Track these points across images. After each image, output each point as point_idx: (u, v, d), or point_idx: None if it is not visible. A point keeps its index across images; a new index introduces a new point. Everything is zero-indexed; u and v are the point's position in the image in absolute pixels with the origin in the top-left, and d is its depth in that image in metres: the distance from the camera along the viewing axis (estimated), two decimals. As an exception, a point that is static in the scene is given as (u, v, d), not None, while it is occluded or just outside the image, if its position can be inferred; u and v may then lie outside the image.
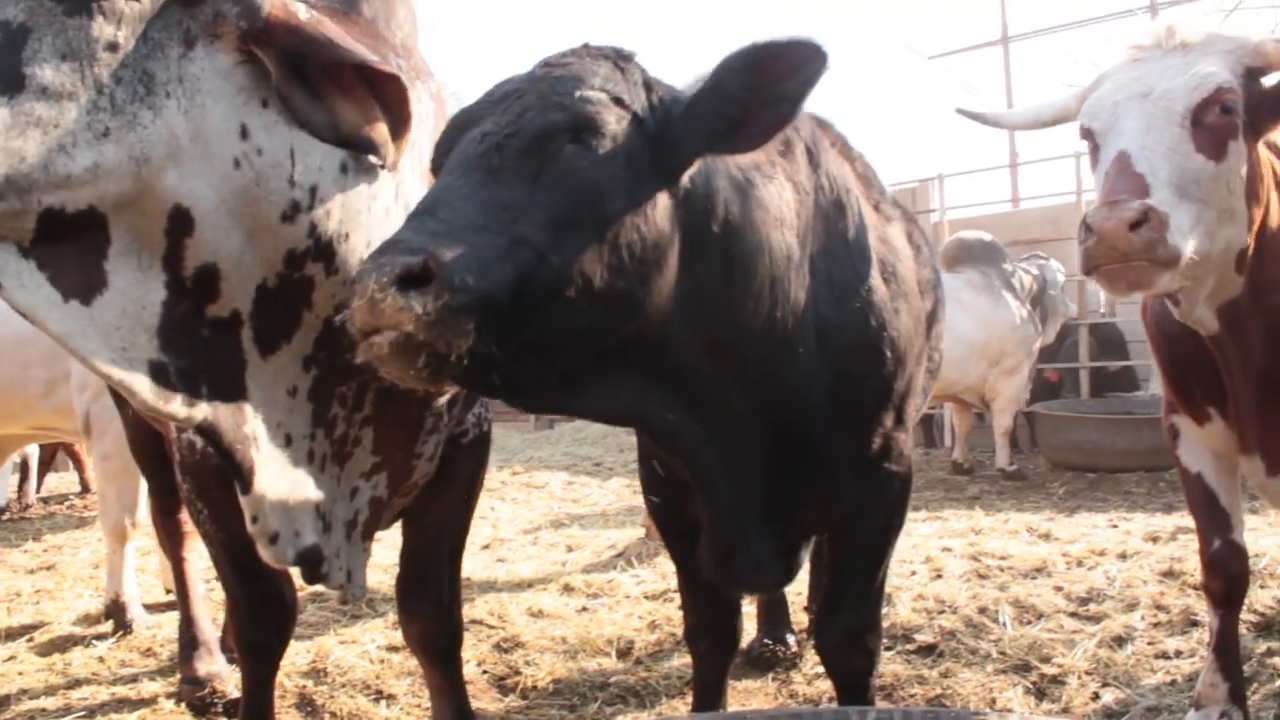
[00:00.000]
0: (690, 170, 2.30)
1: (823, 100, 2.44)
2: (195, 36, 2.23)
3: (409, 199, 2.72)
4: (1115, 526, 7.23)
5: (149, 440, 4.59)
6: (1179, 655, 4.47)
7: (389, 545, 4.87)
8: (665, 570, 6.26)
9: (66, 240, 2.11)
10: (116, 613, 5.78)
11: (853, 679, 3.11)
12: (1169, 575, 5.64)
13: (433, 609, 3.43)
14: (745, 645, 4.66)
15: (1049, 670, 4.32)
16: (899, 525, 3.15)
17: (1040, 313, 10.51)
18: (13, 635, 5.70)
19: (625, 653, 4.86)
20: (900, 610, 5.22)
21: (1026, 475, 9.86)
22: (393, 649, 4.97)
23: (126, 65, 2.11)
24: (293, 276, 2.49)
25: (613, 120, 2.17)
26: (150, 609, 5.98)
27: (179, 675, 4.69)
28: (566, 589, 6.09)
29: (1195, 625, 4.79)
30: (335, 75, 2.36)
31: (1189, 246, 2.67)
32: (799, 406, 2.67)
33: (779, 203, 2.53)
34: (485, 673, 4.66)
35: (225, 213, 2.31)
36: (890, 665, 4.49)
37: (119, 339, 2.29)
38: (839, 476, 2.83)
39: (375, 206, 2.60)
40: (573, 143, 2.12)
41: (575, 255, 2.08)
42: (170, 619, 5.74)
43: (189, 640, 4.71)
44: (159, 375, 2.37)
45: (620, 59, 2.31)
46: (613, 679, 4.51)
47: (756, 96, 2.19)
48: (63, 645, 5.52)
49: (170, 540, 5.04)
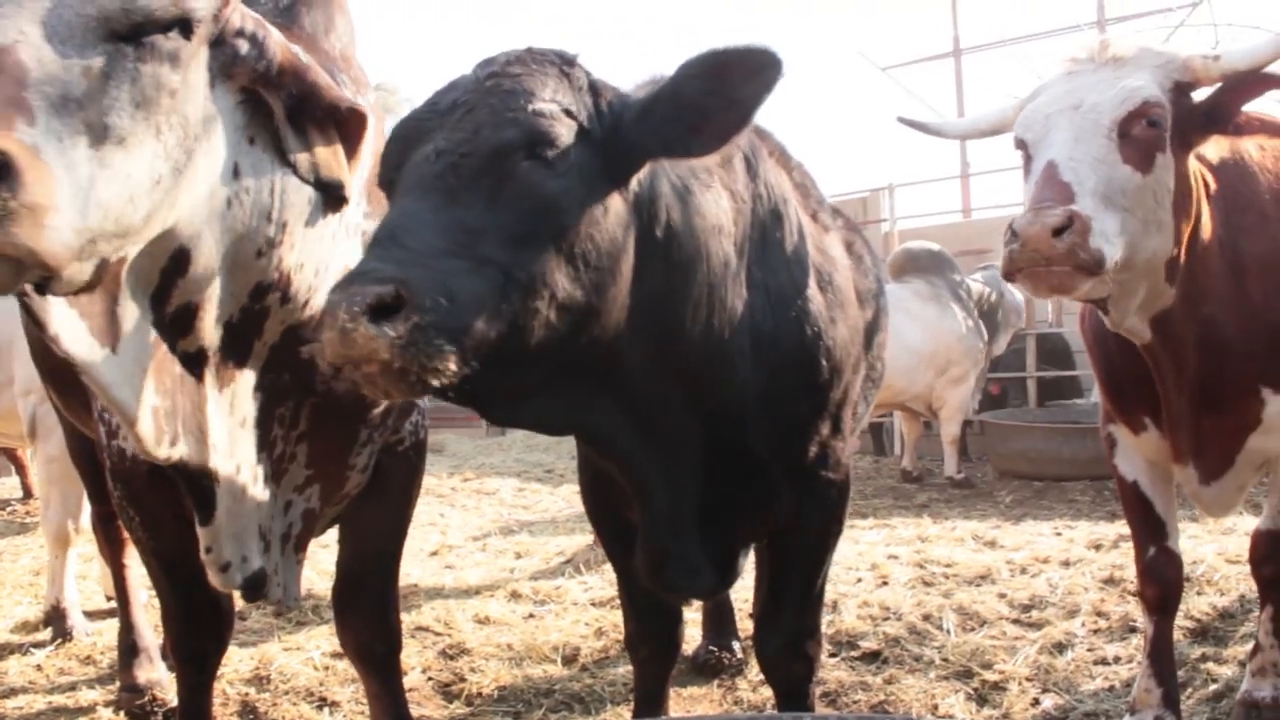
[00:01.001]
0: (638, 174, 2.33)
1: (775, 109, 2.46)
2: (214, 77, 2.25)
3: (349, 218, 2.74)
4: (1059, 534, 7.31)
5: (86, 447, 4.54)
6: (1118, 661, 4.53)
7: (335, 550, 4.83)
8: (614, 577, 6.24)
9: (95, 287, 2.10)
10: (56, 619, 5.68)
11: (792, 685, 3.13)
12: (1110, 582, 5.71)
13: (369, 617, 3.41)
14: (691, 652, 4.68)
15: (990, 676, 4.37)
16: (837, 532, 3.17)
17: (990, 323, 10.60)
18: (-52, 643, 5.61)
19: (571, 659, 4.86)
20: (845, 617, 5.26)
21: (974, 483, 9.95)
22: (337, 655, 4.92)
23: (175, 110, 2.11)
24: (254, 309, 2.52)
25: (565, 133, 2.18)
26: (91, 616, 5.90)
27: (119, 683, 4.63)
28: (514, 596, 6.08)
29: (1134, 631, 4.86)
30: (311, 112, 2.39)
31: (1112, 253, 2.72)
32: (735, 415, 2.69)
33: (716, 210, 2.55)
34: (430, 679, 4.63)
35: (215, 252, 2.33)
36: (834, 672, 4.51)
37: (133, 385, 2.34)
38: (776, 484, 2.85)
39: (326, 234, 2.63)
40: (527, 159, 2.14)
41: (538, 270, 2.10)
42: (111, 626, 5.67)
43: (128, 647, 4.66)
44: (155, 418, 2.41)
45: (565, 64, 2.32)
46: (558, 686, 4.50)
47: (714, 100, 2.23)
48: (0, 653, 5.44)
49: (110, 546, 4.99)
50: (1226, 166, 3.22)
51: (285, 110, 2.36)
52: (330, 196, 2.48)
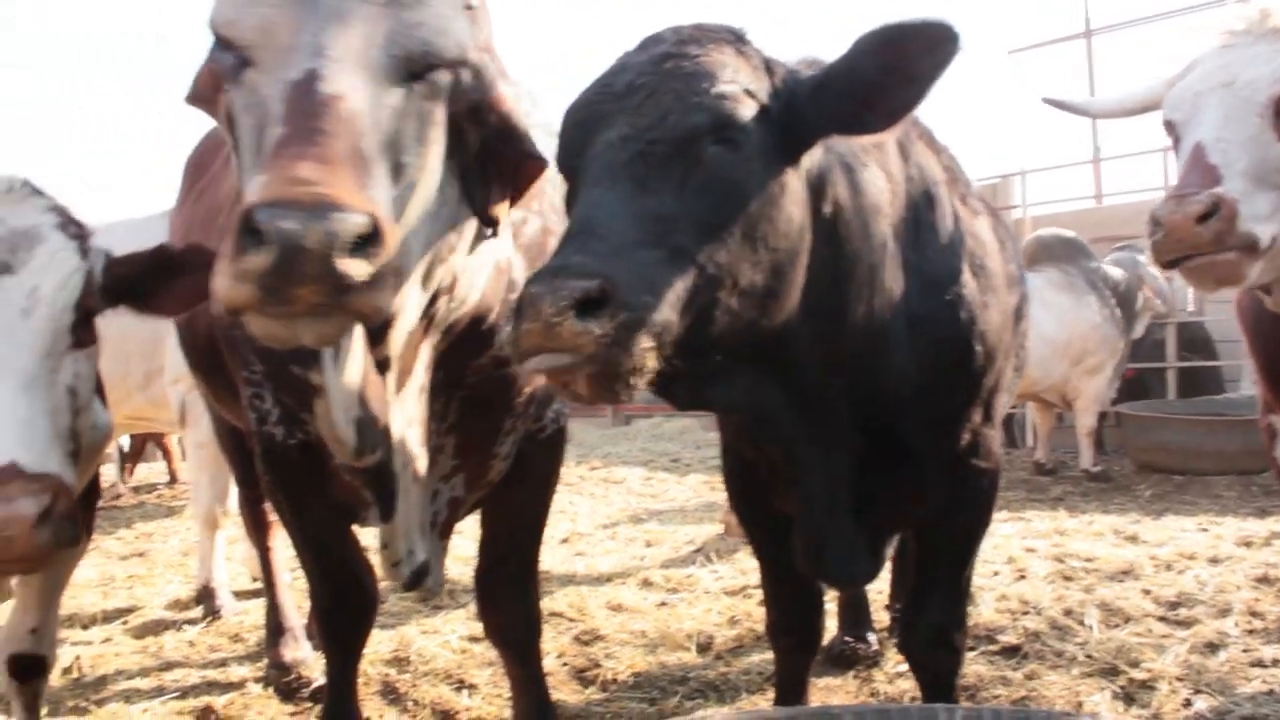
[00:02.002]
0: (809, 152, 2.31)
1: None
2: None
3: None
4: (1205, 530, 7.06)
5: (234, 433, 4.68)
6: (1276, 664, 4.35)
7: (470, 537, 4.92)
8: (745, 566, 6.24)
9: None
10: (206, 598, 5.92)
11: (937, 677, 3.08)
12: (1264, 581, 5.49)
13: (511, 602, 3.46)
14: (826, 643, 4.63)
15: (1138, 675, 4.23)
16: (986, 522, 3.11)
17: (1127, 310, 10.25)
18: (109, 618, 5.87)
19: (705, 647, 4.86)
20: (983, 610, 5.15)
21: (1111, 476, 9.66)
22: (473, 639, 5.01)
23: (439, 141, 2.19)
24: (428, 313, 2.55)
25: (748, 114, 2.18)
26: (238, 596, 6.11)
27: (266, 660, 4.79)
28: (645, 583, 6.10)
29: (1292, 633, 4.67)
30: (498, 149, 2.38)
31: (1265, 234, 2.61)
32: (890, 401, 2.65)
33: (875, 190, 2.53)
34: (565, 665, 4.67)
35: (419, 265, 2.34)
36: (973, 666, 4.42)
37: (351, 400, 2.47)
38: (927, 472, 2.81)
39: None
40: (715, 143, 2.14)
41: (727, 257, 2.11)
42: (256, 606, 5.87)
43: (275, 627, 4.81)
44: (358, 429, 2.54)
45: (739, 41, 2.31)
46: (693, 673, 4.50)
47: (889, 77, 2.20)
48: (155, 629, 5.67)
49: (256, 530, 5.15)
50: None
51: (479, 143, 2.34)
52: (487, 228, 2.48)
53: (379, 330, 2.28)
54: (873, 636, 4.71)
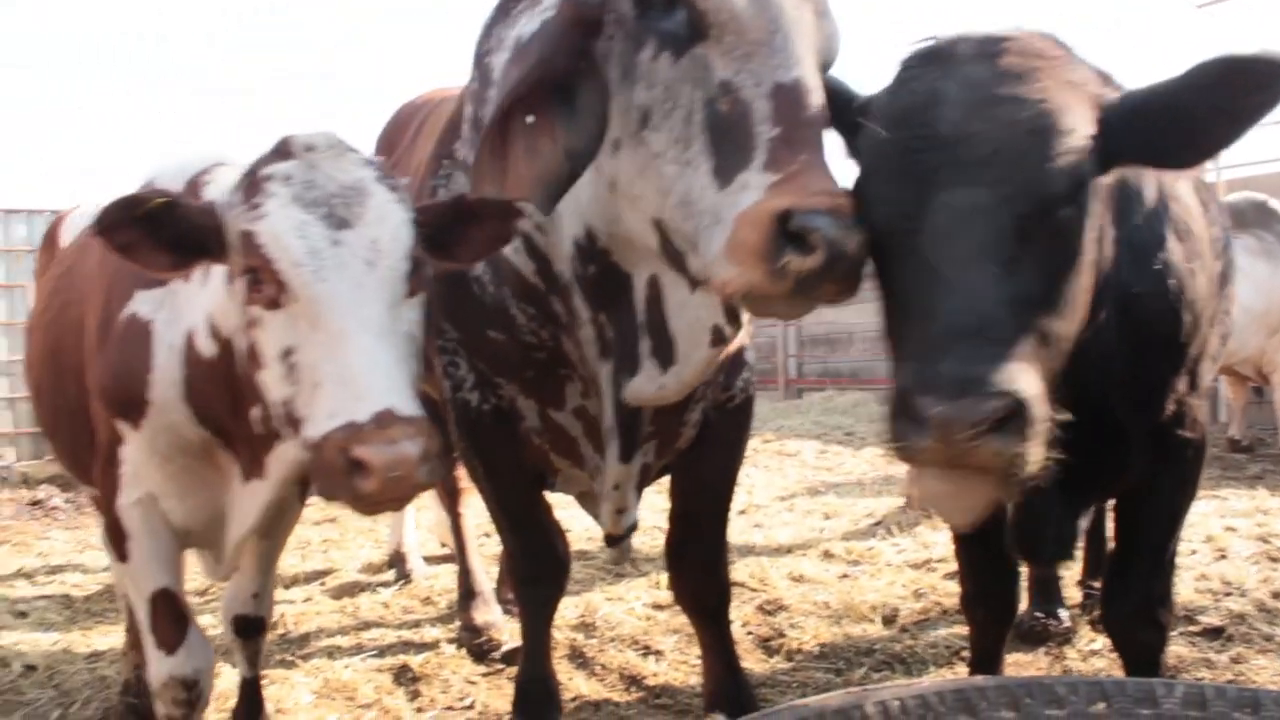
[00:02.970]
0: None
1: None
2: None
3: None
4: None
5: (425, 402, 4.83)
6: None
7: (650, 509, 4.97)
8: (928, 540, 6.16)
9: None
10: (398, 563, 6.17)
11: (1141, 655, 2.98)
12: None
13: (702, 568, 3.49)
14: (1015, 619, 4.54)
15: (1356, 661, 4.02)
16: (1192, 494, 3.00)
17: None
18: (308, 579, 6.18)
19: (890, 620, 4.82)
20: (1182, 590, 4.96)
21: (1315, 453, 9.18)
22: (658, 607, 5.09)
23: None
24: None
25: (1090, 166, 2.06)
26: (427, 560, 6.34)
27: (458, 623, 4.96)
28: (826, 555, 6.10)
29: None
30: None
31: None
32: (1098, 371, 2.57)
33: None
34: (750, 634, 4.70)
35: None
36: (1173, 646, 4.26)
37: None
38: (1132, 444, 2.72)
39: None
40: (1067, 207, 2.02)
41: (1070, 323, 2.09)
42: (445, 570, 6.08)
43: (467, 590, 4.97)
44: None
45: (1063, 60, 2.12)
46: (878, 645, 4.48)
47: (1214, 114, 2.06)
48: (351, 590, 5.93)
49: (449, 496, 5.31)
50: None
51: None
52: None
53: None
54: (1064, 613, 4.60)
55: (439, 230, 2.49)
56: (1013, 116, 1.97)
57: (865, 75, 2.31)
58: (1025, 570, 4.66)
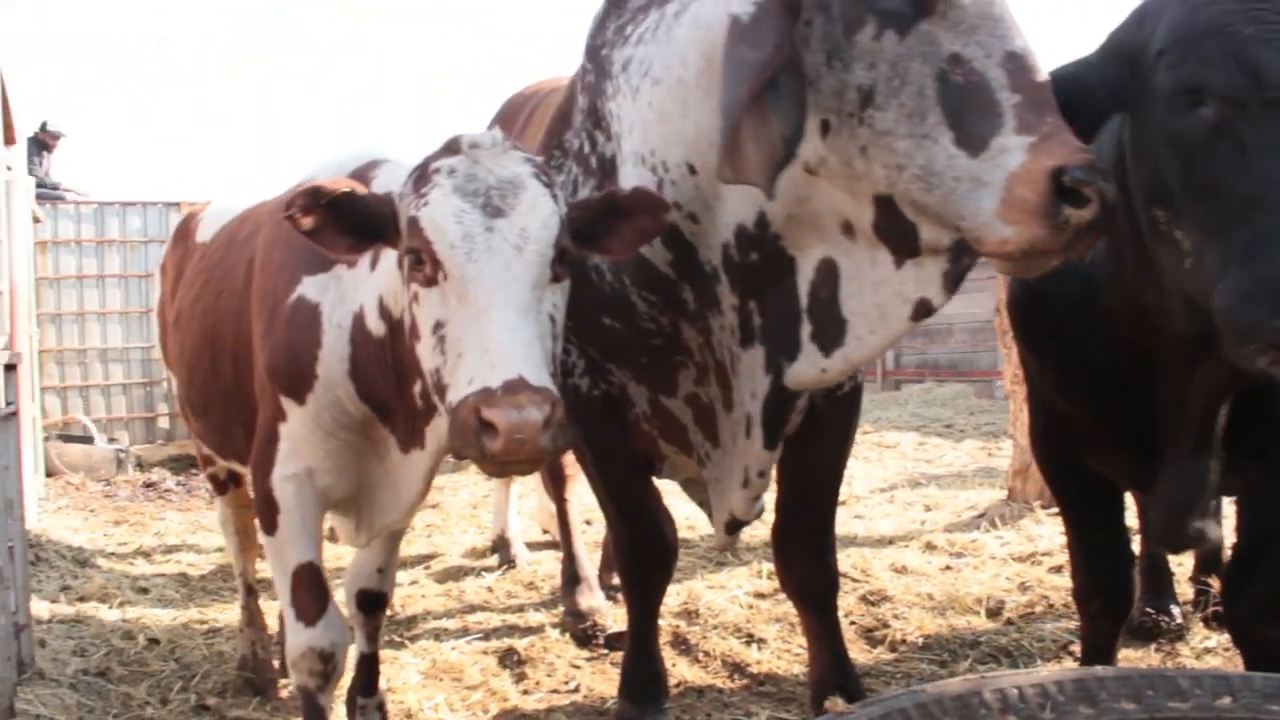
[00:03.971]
0: None
1: None
2: None
3: None
4: None
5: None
6: None
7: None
8: (1032, 533, 6.07)
9: None
10: (501, 548, 6.27)
11: (1266, 650, 2.88)
12: None
13: (810, 557, 3.48)
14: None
15: None
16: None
17: None
18: (414, 563, 6.31)
19: (995, 613, 4.77)
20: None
21: None
22: (760, 596, 5.10)
23: None
24: None
25: None
26: (529, 546, 6.43)
27: (562, 608, 5.02)
28: (928, 547, 6.04)
29: None
30: None
31: None
32: None
33: None
34: (853, 624, 4.69)
35: None
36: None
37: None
38: (1263, 432, 2.67)
39: None
40: None
41: None
42: (547, 556, 6.16)
43: (571, 576, 5.03)
44: None
45: None
46: (983, 638, 4.43)
47: None
48: (455, 575, 6.05)
49: (554, 483, 5.37)
50: None
51: None
52: None
53: None
54: (1176, 609, 4.50)
55: (589, 223, 2.64)
56: None
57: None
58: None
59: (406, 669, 4.39)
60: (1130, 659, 4.23)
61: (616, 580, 4.36)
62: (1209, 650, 4.22)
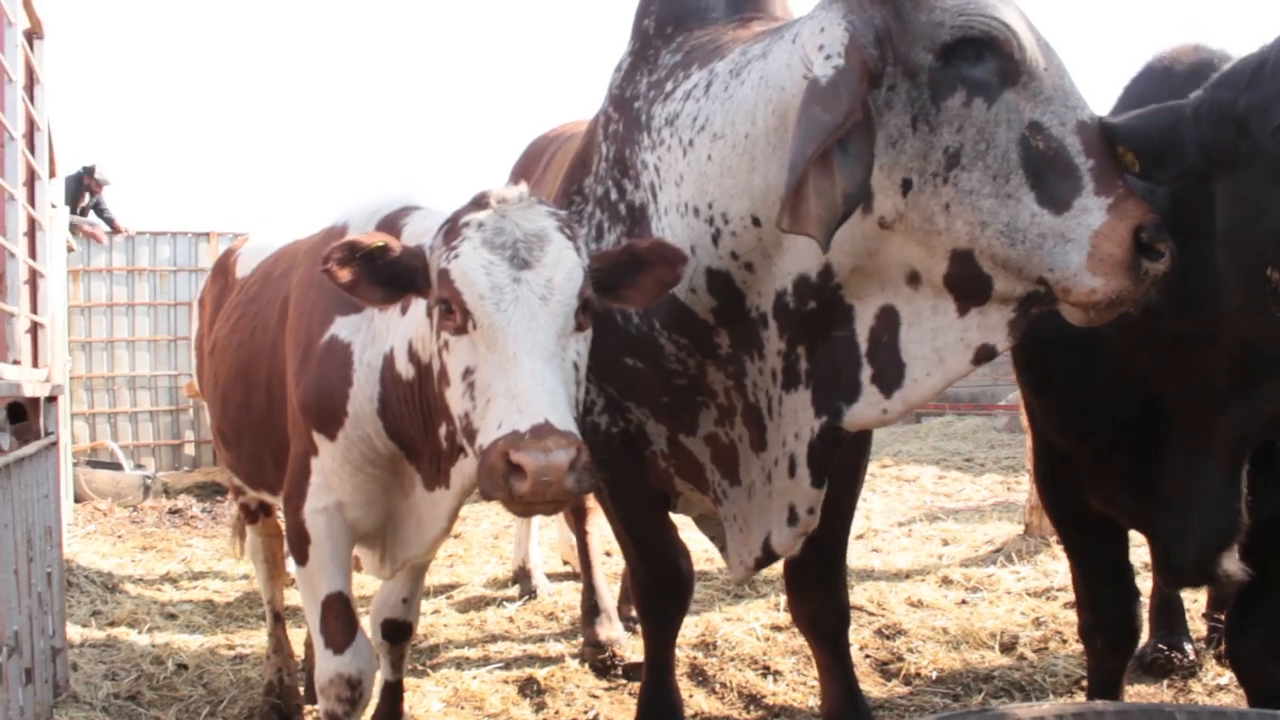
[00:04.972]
0: None
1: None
2: None
3: None
4: None
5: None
6: None
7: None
8: (1049, 569, 6.12)
9: None
10: (522, 578, 6.35)
11: (1269, 688, 2.94)
12: None
13: (822, 592, 3.55)
14: (1138, 650, 4.51)
15: None
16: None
17: None
18: (436, 593, 6.38)
19: (1009, 647, 4.82)
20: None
21: None
22: (777, 628, 5.17)
23: None
24: None
25: None
26: (550, 577, 6.50)
27: (582, 638, 5.10)
28: (945, 581, 6.09)
29: None
30: None
31: None
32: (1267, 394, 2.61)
33: None
34: (868, 657, 4.75)
35: None
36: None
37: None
38: (1265, 472, 2.73)
39: None
40: None
41: None
42: (568, 587, 6.24)
43: (591, 607, 5.11)
44: None
45: None
46: (997, 672, 4.49)
47: None
48: (477, 604, 6.13)
49: (574, 515, 5.46)
50: None
51: None
52: None
53: None
54: (1189, 646, 4.54)
55: (610, 274, 2.76)
56: None
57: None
58: (1146, 601, 4.65)
59: (429, 697, 4.48)
60: (1143, 695, 4.29)
61: (635, 612, 4.44)
62: (1221, 687, 4.26)
